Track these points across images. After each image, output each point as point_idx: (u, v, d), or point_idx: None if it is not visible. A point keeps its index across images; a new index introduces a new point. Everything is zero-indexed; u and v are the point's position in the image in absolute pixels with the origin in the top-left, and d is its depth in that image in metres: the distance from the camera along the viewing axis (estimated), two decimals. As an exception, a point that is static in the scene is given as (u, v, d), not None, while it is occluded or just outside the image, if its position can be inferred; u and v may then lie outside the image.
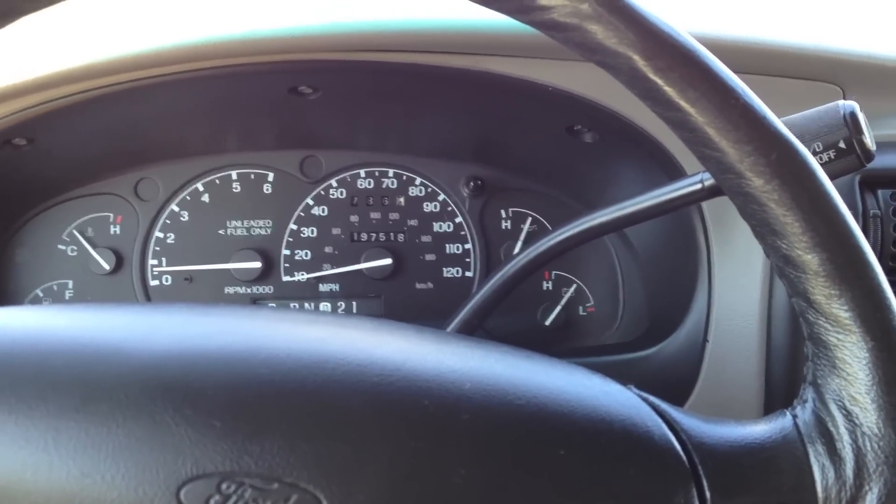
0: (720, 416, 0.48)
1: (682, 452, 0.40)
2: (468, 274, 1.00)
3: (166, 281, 0.98)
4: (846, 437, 0.39)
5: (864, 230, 0.80)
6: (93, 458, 0.34)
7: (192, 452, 0.34)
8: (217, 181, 0.98)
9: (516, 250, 0.98)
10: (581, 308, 1.00)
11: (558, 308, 0.99)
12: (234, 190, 0.98)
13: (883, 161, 0.82)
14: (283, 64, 0.80)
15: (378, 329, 0.44)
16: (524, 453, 0.38)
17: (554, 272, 1.00)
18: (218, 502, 0.34)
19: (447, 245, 1.00)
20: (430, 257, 0.99)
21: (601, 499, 0.38)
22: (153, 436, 0.34)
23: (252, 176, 0.98)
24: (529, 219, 1.00)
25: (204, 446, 0.34)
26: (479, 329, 0.97)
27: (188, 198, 0.97)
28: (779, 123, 0.39)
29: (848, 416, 0.39)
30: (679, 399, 0.85)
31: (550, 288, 1.00)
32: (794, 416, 0.42)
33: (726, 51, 0.83)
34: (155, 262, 0.98)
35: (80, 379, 0.36)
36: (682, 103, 0.38)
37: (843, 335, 0.39)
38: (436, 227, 0.99)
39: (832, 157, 0.63)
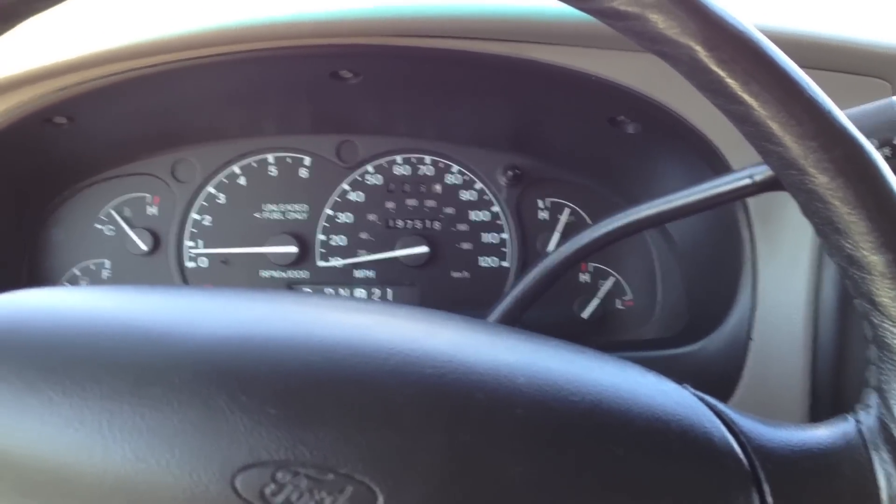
0: (765, 416, 0.47)
1: (742, 455, 0.39)
2: (504, 264, 0.99)
3: (202, 263, 0.98)
4: None
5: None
6: (147, 442, 0.34)
7: (247, 440, 0.34)
8: (254, 164, 0.97)
9: (553, 241, 0.97)
10: (619, 301, 0.99)
11: (596, 301, 0.98)
12: (270, 173, 0.97)
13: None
14: (325, 48, 0.79)
15: (428, 319, 0.43)
16: (579, 450, 0.37)
17: (592, 264, 0.99)
18: (273, 491, 0.33)
19: (483, 234, 0.99)
20: (466, 246, 0.98)
21: (659, 499, 0.37)
22: (207, 421, 0.34)
23: (289, 160, 0.97)
24: (567, 210, 0.98)
25: (259, 434, 0.34)
26: (519, 321, 0.96)
27: (225, 180, 0.97)
28: (844, 119, 0.38)
29: None
30: (722, 398, 0.83)
31: (588, 280, 0.99)
32: (858, 422, 0.41)
33: (777, 43, 0.82)
34: (191, 243, 0.98)
35: (132, 361, 0.36)
36: (745, 96, 0.37)
37: None
38: (472, 215, 0.98)
39: (888, 154, 0.62)
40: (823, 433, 0.41)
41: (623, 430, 0.38)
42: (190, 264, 0.98)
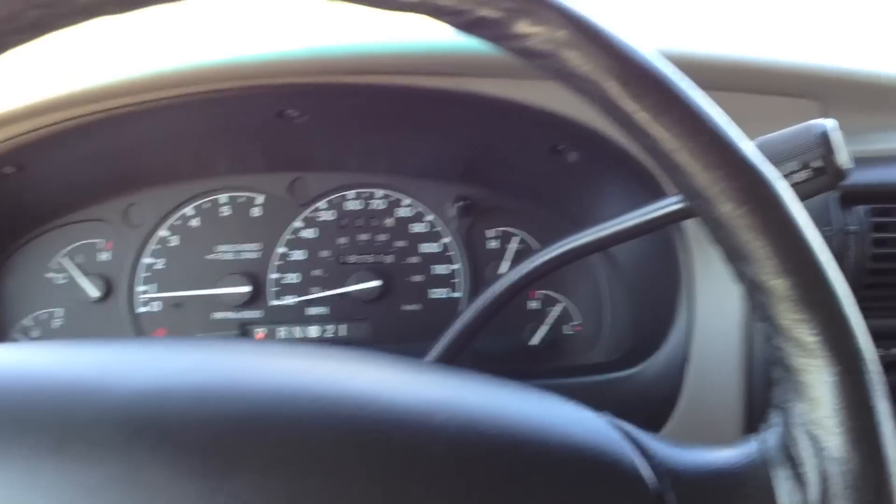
0: (702, 435, 0.49)
1: (651, 478, 0.40)
2: (456, 294, 1.00)
3: (155, 307, 0.98)
4: (812, 462, 0.39)
5: (844, 246, 0.81)
6: (72, 498, 0.34)
7: (168, 491, 0.34)
8: (206, 205, 0.98)
9: (503, 269, 0.99)
10: (567, 327, 1.01)
11: (544, 327, 1.00)
12: (222, 213, 0.98)
13: (862, 177, 0.83)
14: (269, 88, 0.81)
15: (354, 361, 0.44)
16: (496, 483, 0.38)
17: (540, 291, 1.01)
18: None
19: (434, 266, 1.00)
20: (417, 278, 1.00)
21: None
22: (128, 475, 0.35)
23: (241, 199, 0.98)
24: (516, 238, 1.01)
25: (179, 486, 0.35)
26: (467, 350, 0.98)
27: (177, 222, 0.98)
28: (749, 149, 0.40)
29: (814, 440, 0.39)
30: (661, 417, 0.86)
31: (537, 307, 1.01)
32: (762, 441, 0.42)
33: (707, 68, 0.86)
34: (144, 288, 0.98)
35: (56, 419, 0.37)
36: (655, 129, 0.39)
37: (809, 360, 0.39)
38: (423, 247, 1.00)
39: (807, 176, 0.65)
40: (731, 453, 0.42)
41: (539, 461, 0.39)
42: (142, 309, 0.98)
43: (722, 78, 0.86)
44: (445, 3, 0.39)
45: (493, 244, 1.01)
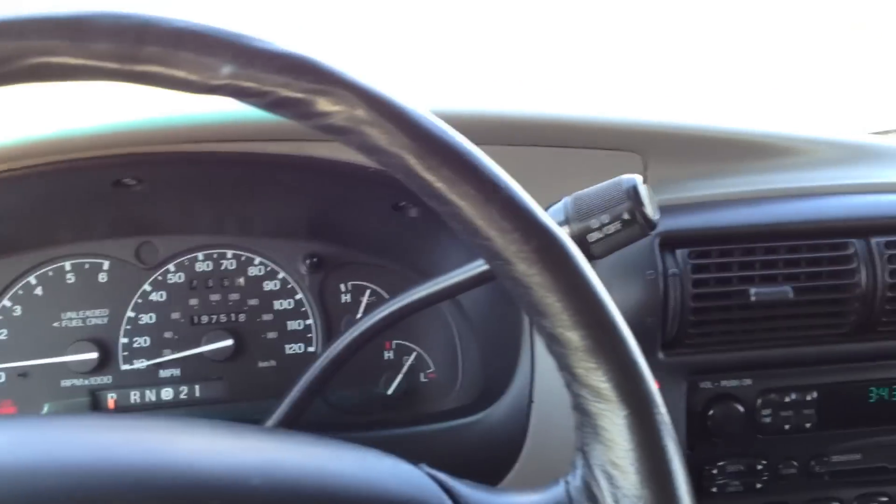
0: (549, 473, 0.51)
1: None
2: (311, 349, 1.02)
3: (0, 378, 0.96)
4: (609, 500, 0.42)
5: (666, 289, 0.87)
6: None
7: None
8: (50, 273, 0.97)
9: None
10: (422, 375, 1.04)
11: (399, 377, 1.02)
12: (68, 281, 0.97)
13: (680, 222, 0.89)
14: (102, 159, 0.82)
15: (174, 429, 0.45)
16: None
17: (395, 341, 1.03)
18: None
19: (288, 322, 1.02)
20: (271, 335, 1.01)
21: None
22: None
23: (86, 265, 0.98)
24: (368, 291, 1.03)
25: None
26: (322, 404, 0.99)
27: (20, 292, 0.96)
28: (539, 213, 0.43)
29: (610, 479, 0.42)
30: (511, 459, 0.89)
31: (392, 357, 1.03)
32: (567, 483, 0.45)
33: (536, 126, 0.90)
34: (-12, 359, 0.96)
35: None
36: (452, 198, 0.42)
37: (603, 404, 0.42)
38: (276, 304, 1.01)
39: (618, 227, 0.69)
40: (538, 498, 0.45)
41: None
42: (-12, 380, 0.96)
43: (549, 134, 0.91)
44: (248, 86, 0.41)
45: (346, 298, 1.03)
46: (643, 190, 0.70)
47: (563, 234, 0.44)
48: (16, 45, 0.37)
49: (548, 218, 0.44)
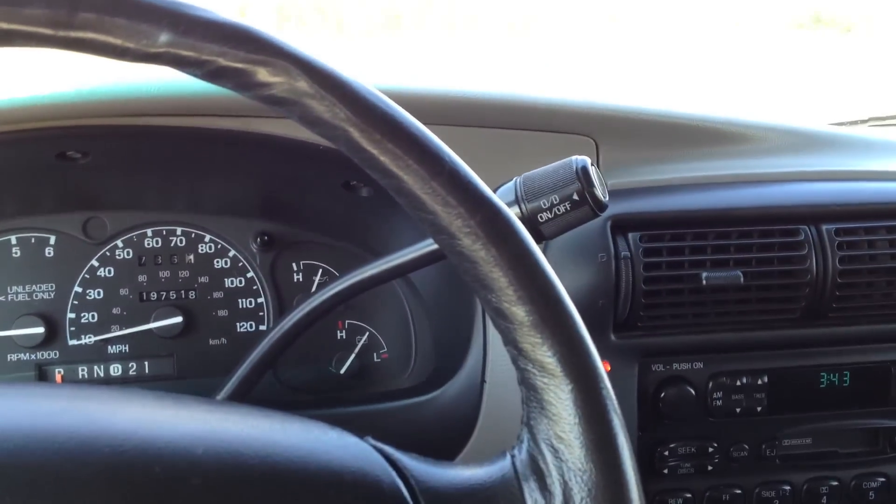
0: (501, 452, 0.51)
1: (409, 498, 0.42)
2: (262, 328, 1.01)
3: (-56, 352, 0.95)
4: (555, 474, 0.42)
5: (617, 271, 0.86)
6: None
7: None
8: (-5, 247, 0.96)
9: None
10: (375, 355, 1.03)
11: (352, 356, 1.02)
12: (14, 255, 0.96)
13: (631, 206, 0.89)
14: (45, 131, 0.80)
15: (117, 398, 0.45)
16: None
17: (347, 321, 1.03)
18: None
19: (240, 300, 1.01)
20: (222, 313, 1.00)
21: None
22: None
23: (32, 240, 0.96)
24: (320, 270, 1.02)
25: None
26: (274, 382, 0.99)
27: (-35, 266, 0.95)
28: (483, 187, 0.43)
29: (555, 453, 0.42)
30: (463, 438, 0.89)
31: (344, 337, 1.03)
32: (513, 457, 0.45)
33: (485, 107, 0.90)
34: (-68, 333, 0.95)
35: None
36: (396, 171, 0.41)
37: (548, 379, 0.42)
38: (227, 282, 1.00)
39: (568, 208, 0.69)
40: (485, 470, 0.45)
41: (299, 488, 0.40)
42: (-69, 354, 0.95)
43: (502, 116, 0.90)
44: (186, 54, 0.40)
45: (298, 277, 1.02)
46: (593, 171, 0.69)
47: (508, 209, 0.44)
48: None
49: (492, 193, 0.43)
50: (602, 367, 0.43)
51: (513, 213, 0.44)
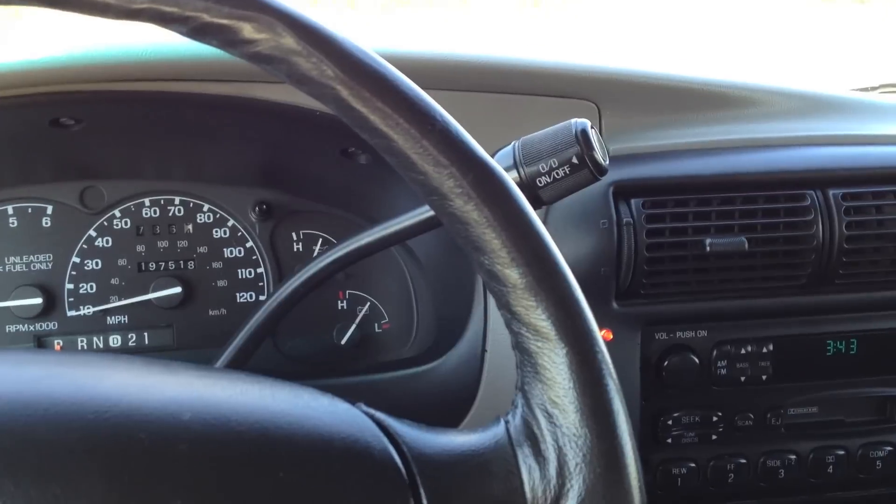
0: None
1: (401, 464, 0.41)
2: (262, 298, 1.00)
3: (-58, 322, 0.95)
4: (549, 439, 0.41)
5: (619, 238, 0.85)
6: None
7: None
8: (-8, 217, 0.95)
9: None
10: (376, 325, 1.02)
11: (353, 327, 1.01)
12: (10, 225, 0.95)
13: (634, 172, 0.88)
14: (37, 96, 0.79)
15: (104, 364, 0.44)
16: (241, 478, 0.38)
17: (348, 291, 1.02)
18: None
19: (239, 270, 1.00)
20: (221, 283, 0.99)
21: None
22: None
23: (29, 210, 0.95)
24: (320, 240, 1.01)
25: None
26: (274, 352, 0.98)
27: (-38, 236, 0.95)
28: (475, 146, 0.42)
29: (550, 418, 0.41)
30: (465, 407, 0.89)
31: (345, 307, 1.02)
32: (507, 422, 0.44)
33: (484, 71, 0.88)
34: (-70, 304, 0.94)
35: None
36: (386, 130, 0.40)
37: (543, 343, 0.41)
38: (226, 252, 0.99)
39: (567, 171, 0.68)
40: (478, 436, 0.44)
41: (287, 453, 0.40)
42: (-71, 325, 0.94)
43: (501, 80, 0.89)
44: (169, 10, 0.39)
45: (298, 247, 1.01)
46: (592, 134, 0.68)
47: (500, 168, 0.42)
48: None
49: (484, 152, 0.42)
50: (597, 331, 0.42)
51: (505, 173, 0.43)
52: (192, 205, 0.99)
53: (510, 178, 0.43)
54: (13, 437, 0.36)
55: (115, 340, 0.97)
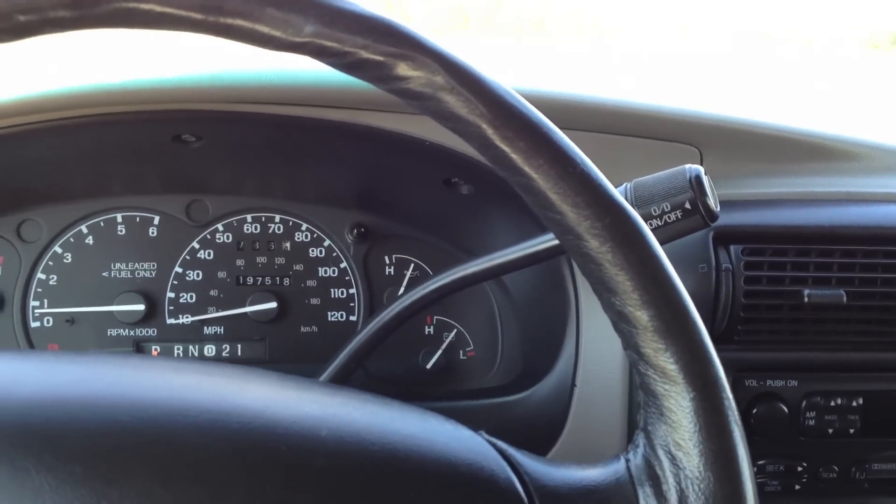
0: (588, 456, 0.52)
1: (524, 495, 0.43)
2: (352, 318, 1.02)
3: (48, 323, 0.98)
4: (671, 480, 0.42)
5: (717, 283, 0.85)
6: None
7: (52, 498, 0.35)
8: (102, 224, 0.98)
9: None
10: (461, 352, 1.04)
11: (439, 352, 1.02)
12: (119, 233, 0.98)
13: (735, 218, 0.88)
14: (165, 113, 0.82)
15: (243, 377, 0.46)
16: (374, 495, 0.40)
17: (436, 317, 1.03)
18: None
19: (332, 290, 1.02)
20: (314, 301, 1.01)
21: None
22: (14, 482, 0.35)
23: (137, 219, 0.99)
24: (412, 265, 1.03)
25: (63, 492, 0.35)
26: (361, 372, 0.99)
27: (72, 240, 0.98)
28: (613, 191, 0.43)
29: (673, 460, 0.42)
30: (550, 440, 0.89)
31: (432, 332, 1.03)
32: (627, 461, 0.45)
33: (593, 112, 0.90)
34: (37, 303, 0.97)
35: None
36: (527, 169, 0.42)
37: (670, 385, 0.41)
38: (321, 271, 1.02)
39: (679, 216, 0.68)
40: (598, 472, 0.45)
41: (417, 476, 0.41)
42: (35, 324, 0.97)
43: (608, 121, 0.90)
44: (329, 45, 0.41)
45: (390, 271, 1.03)
46: (706, 181, 0.69)
47: (636, 214, 0.43)
48: None
49: (621, 197, 0.43)
50: (724, 378, 0.42)
51: (640, 219, 0.44)
52: (291, 223, 1.01)
53: (644, 224, 0.44)
54: (163, 443, 0.38)
55: (209, 350, 1.00)
